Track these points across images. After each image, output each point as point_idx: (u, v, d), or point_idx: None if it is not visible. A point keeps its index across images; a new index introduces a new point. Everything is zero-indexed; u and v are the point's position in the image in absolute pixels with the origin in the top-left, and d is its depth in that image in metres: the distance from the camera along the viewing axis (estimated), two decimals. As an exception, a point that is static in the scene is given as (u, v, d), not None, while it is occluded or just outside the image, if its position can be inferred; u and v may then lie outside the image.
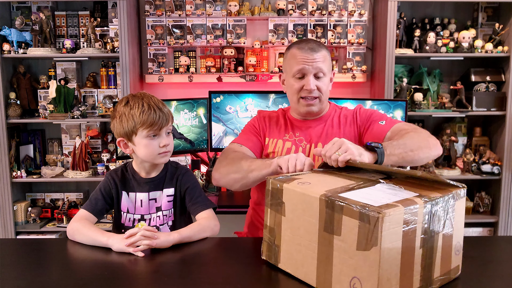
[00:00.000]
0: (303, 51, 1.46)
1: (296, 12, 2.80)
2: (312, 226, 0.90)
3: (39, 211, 2.82)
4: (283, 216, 0.98)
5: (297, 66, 1.45)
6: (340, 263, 0.84)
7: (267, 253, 1.05)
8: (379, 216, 0.76)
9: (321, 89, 1.47)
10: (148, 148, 1.31)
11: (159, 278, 1.00)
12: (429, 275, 0.89)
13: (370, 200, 0.83)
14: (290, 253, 0.97)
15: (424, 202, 0.84)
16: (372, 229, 0.77)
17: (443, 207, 0.88)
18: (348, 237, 0.82)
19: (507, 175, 2.70)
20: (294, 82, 1.47)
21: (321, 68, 1.45)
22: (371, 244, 0.78)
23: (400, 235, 0.80)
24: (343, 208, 0.83)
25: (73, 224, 1.27)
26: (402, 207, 0.80)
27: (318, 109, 1.51)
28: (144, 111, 1.28)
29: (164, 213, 1.39)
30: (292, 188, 0.96)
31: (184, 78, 2.82)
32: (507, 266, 1.05)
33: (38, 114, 2.81)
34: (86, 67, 2.93)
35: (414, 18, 2.85)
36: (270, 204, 1.02)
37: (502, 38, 2.73)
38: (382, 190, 0.91)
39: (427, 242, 0.86)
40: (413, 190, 0.91)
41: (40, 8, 2.83)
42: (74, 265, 1.13)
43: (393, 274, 0.80)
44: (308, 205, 0.90)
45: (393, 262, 0.80)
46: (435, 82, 2.82)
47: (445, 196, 0.89)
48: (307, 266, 0.93)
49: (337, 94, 2.75)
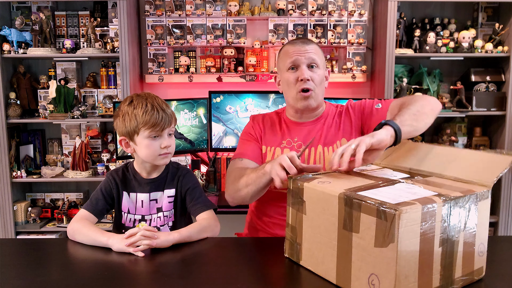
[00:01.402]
0: (295, 45, 1.47)
1: (296, 12, 2.80)
2: (331, 224, 0.91)
3: (39, 211, 2.82)
4: (304, 214, 0.99)
5: (290, 58, 1.45)
6: (359, 260, 0.86)
7: (289, 251, 1.06)
8: (395, 213, 0.77)
9: (315, 80, 1.45)
10: (149, 148, 1.31)
11: (159, 278, 1.00)
12: (449, 274, 0.89)
13: (388, 198, 0.84)
14: (311, 251, 0.99)
15: (443, 201, 0.84)
16: (389, 226, 0.78)
17: (464, 207, 0.88)
18: (366, 234, 0.83)
19: (507, 175, 2.70)
20: (289, 75, 1.46)
21: (314, 59, 1.45)
22: (388, 241, 0.79)
23: (418, 233, 0.81)
24: (361, 205, 0.84)
25: (73, 224, 1.27)
26: (419, 205, 0.80)
27: (315, 103, 1.47)
28: (147, 111, 1.28)
29: (165, 214, 1.39)
30: (312, 187, 0.97)
31: (184, 78, 2.82)
32: (507, 266, 1.05)
33: (38, 114, 2.81)
34: (86, 67, 2.93)
35: (414, 18, 2.85)
36: (291, 203, 1.04)
37: (502, 38, 2.73)
38: (401, 189, 0.92)
39: (446, 241, 0.86)
40: (433, 189, 0.91)
41: (40, 8, 2.83)
42: (74, 265, 1.13)
43: (411, 272, 0.81)
44: (328, 203, 0.92)
45: (411, 259, 0.81)
46: (435, 82, 2.82)
47: (466, 196, 0.88)
48: (327, 263, 0.94)
49: (337, 94, 2.75)
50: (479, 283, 0.97)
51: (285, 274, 1.00)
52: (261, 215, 1.51)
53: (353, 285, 0.88)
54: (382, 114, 1.42)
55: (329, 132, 1.49)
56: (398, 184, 0.96)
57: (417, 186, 0.94)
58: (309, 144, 1.27)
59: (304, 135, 1.50)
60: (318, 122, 1.52)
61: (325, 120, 1.52)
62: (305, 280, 0.97)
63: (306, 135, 1.50)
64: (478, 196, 0.90)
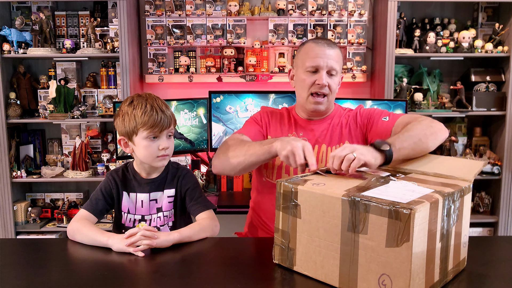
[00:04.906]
0: (319, 45, 1.46)
1: (296, 12, 2.80)
2: (333, 227, 0.90)
3: (39, 211, 2.82)
4: (298, 218, 0.97)
5: (311, 60, 1.45)
6: (367, 261, 0.85)
7: (279, 257, 1.03)
8: (410, 213, 0.78)
9: (332, 87, 1.46)
10: (147, 149, 1.31)
11: (159, 278, 1.00)
12: (445, 267, 0.91)
13: (395, 197, 0.84)
14: (308, 255, 0.96)
15: (443, 197, 0.86)
16: (403, 226, 0.78)
17: (455, 201, 0.91)
18: (376, 235, 0.83)
19: (507, 175, 2.70)
20: (306, 76, 1.46)
21: (335, 67, 1.45)
22: (402, 240, 0.79)
23: (426, 230, 0.82)
24: (370, 206, 0.83)
25: (73, 224, 1.27)
26: (427, 202, 0.82)
27: (325, 108, 1.50)
28: (146, 112, 1.28)
29: (165, 214, 1.39)
30: (309, 190, 0.94)
31: (184, 78, 2.82)
32: (507, 266, 1.05)
33: (38, 114, 2.81)
34: (86, 67, 2.93)
35: (414, 18, 2.85)
36: (282, 207, 1.00)
37: (502, 38, 2.73)
38: (399, 187, 0.92)
39: (444, 236, 0.88)
40: (426, 186, 0.93)
41: (40, 8, 2.83)
42: (74, 265, 1.13)
43: (421, 269, 0.82)
44: (329, 205, 0.90)
45: (421, 256, 0.82)
46: (435, 82, 2.82)
47: (456, 191, 0.91)
48: (328, 267, 0.92)
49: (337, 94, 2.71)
50: (479, 283, 0.97)
51: (285, 274, 1.00)
52: (261, 212, 1.52)
53: (360, 287, 0.87)
54: (387, 128, 1.43)
55: (334, 133, 1.51)
56: (392, 182, 0.96)
57: (411, 183, 0.96)
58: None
59: (310, 132, 1.52)
60: (324, 122, 1.54)
61: (332, 121, 1.54)
62: (305, 280, 0.97)
63: (312, 133, 1.52)
64: (464, 190, 0.95)
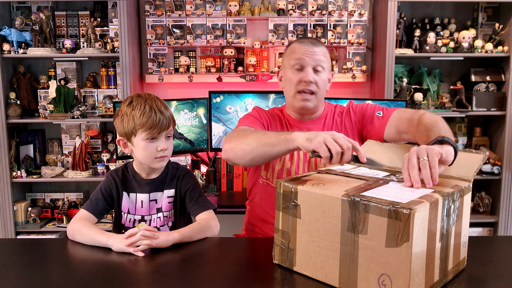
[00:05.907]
0: (304, 44, 1.45)
1: (296, 12, 2.80)
2: (333, 227, 0.90)
3: (39, 211, 2.82)
4: (298, 218, 0.96)
5: (296, 58, 1.44)
6: (367, 261, 0.85)
7: (279, 257, 1.03)
8: (410, 213, 0.78)
9: (319, 84, 1.44)
10: (146, 150, 1.30)
11: (159, 278, 1.00)
12: (445, 267, 0.91)
13: (395, 197, 0.84)
14: (307, 256, 0.96)
15: (442, 197, 0.86)
16: (403, 226, 0.79)
17: (455, 201, 0.91)
18: (376, 235, 0.83)
19: (507, 175, 2.70)
20: (292, 74, 1.45)
21: (321, 62, 1.44)
22: (402, 240, 0.79)
23: (426, 230, 0.82)
24: (370, 207, 0.83)
25: (73, 224, 1.27)
26: (427, 203, 0.82)
27: (313, 106, 1.48)
28: (145, 113, 1.28)
29: (165, 214, 1.39)
30: (309, 190, 0.94)
31: (184, 78, 2.82)
32: (507, 266, 1.05)
33: (38, 114, 2.81)
34: (86, 67, 2.93)
35: (414, 18, 2.85)
36: (281, 207, 1.00)
37: (502, 38, 2.73)
38: (399, 188, 0.92)
39: (444, 236, 0.89)
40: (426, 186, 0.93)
41: (40, 8, 2.83)
42: (74, 265, 1.13)
43: (420, 269, 0.82)
44: (329, 206, 0.90)
45: (421, 256, 0.82)
46: (435, 82, 2.82)
47: (456, 191, 0.91)
48: (328, 267, 0.92)
49: (337, 94, 2.75)
50: (479, 283, 0.97)
51: (285, 274, 1.00)
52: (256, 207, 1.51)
53: (360, 287, 0.87)
54: (382, 123, 1.43)
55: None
56: (392, 183, 0.96)
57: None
58: None
59: None
60: (318, 122, 1.53)
61: (325, 120, 1.53)
62: (305, 280, 0.97)
63: None
64: (464, 190, 0.94)
